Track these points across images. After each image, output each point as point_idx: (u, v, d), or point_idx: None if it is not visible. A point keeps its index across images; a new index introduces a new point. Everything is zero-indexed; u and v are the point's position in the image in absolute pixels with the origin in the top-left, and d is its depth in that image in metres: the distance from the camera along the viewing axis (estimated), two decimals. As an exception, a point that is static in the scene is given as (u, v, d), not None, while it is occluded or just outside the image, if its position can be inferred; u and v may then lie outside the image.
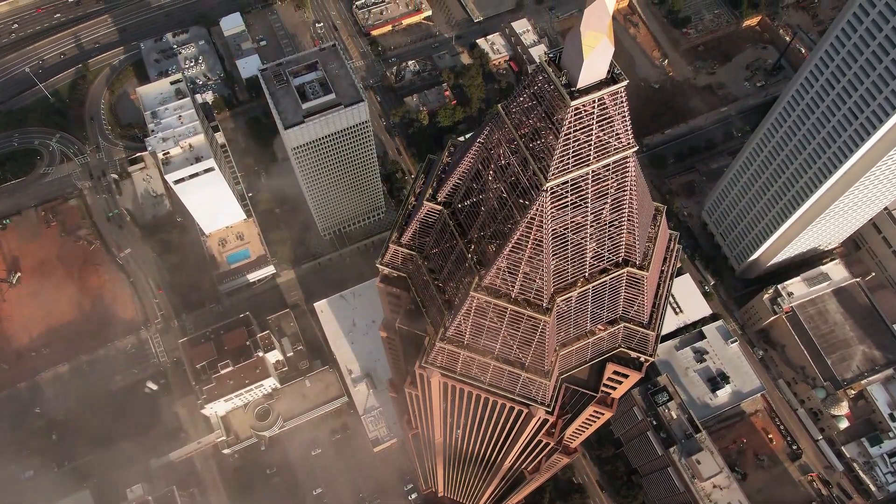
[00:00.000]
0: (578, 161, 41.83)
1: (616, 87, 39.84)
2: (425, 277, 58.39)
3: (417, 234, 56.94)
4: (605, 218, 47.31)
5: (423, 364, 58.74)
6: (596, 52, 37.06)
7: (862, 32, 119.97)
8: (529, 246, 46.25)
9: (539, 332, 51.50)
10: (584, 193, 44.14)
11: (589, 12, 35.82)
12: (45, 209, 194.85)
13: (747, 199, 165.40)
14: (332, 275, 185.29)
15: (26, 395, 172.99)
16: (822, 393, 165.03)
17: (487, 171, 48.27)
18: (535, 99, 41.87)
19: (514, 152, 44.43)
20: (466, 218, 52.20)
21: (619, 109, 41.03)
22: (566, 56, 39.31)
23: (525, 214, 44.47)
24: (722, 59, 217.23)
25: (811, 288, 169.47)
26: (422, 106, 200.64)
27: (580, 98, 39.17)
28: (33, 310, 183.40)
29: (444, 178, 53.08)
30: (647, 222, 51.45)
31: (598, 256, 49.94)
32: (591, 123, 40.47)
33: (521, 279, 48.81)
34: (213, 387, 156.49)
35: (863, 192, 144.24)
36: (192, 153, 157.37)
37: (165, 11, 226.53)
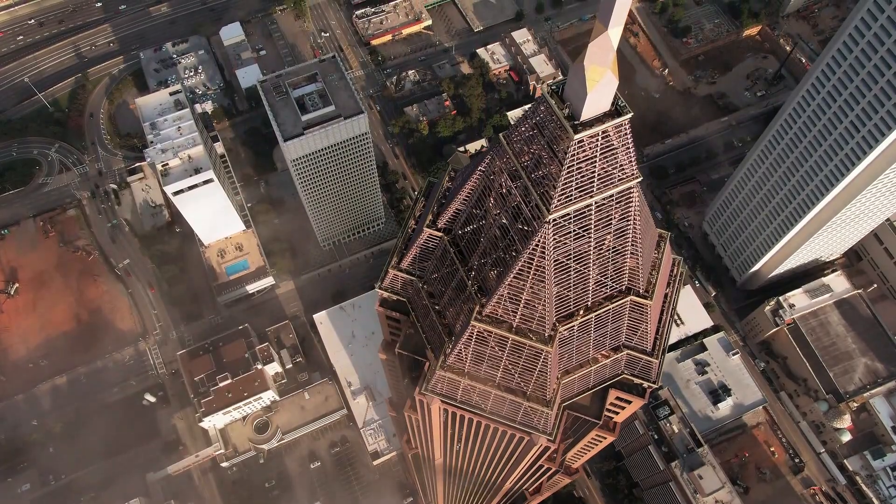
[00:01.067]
0: (581, 193, 41.11)
1: (620, 119, 39.09)
2: (425, 302, 57.58)
3: (417, 259, 56.18)
4: (609, 247, 46.58)
5: (423, 391, 57.86)
6: (600, 85, 36.34)
7: (864, 46, 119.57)
8: (531, 276, 45.48)
9: (541, 362, 50.67)
10: (588, 224, 43.40)
11: (593, 46, 35.08)
12: (44, 219, 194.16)
13: (749, 211, 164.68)
14: (331, 286, 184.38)
15: (24, 406, 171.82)
16: (825, 406, 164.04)
17: (488, 199, 47.53)
18: (538, 129, 41.16)
19: (515, 182, 43.70)
20: (467, 245, 51.43)
21: (623, 141, 40.32)
22: (569, 88, 38.57)
23: (527, 245, 43.71)
24: (722, 68, 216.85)
25: (813, 300, 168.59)
26: (422, 116, 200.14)
27: (584, 131, 38.43)
28: (31, 321, 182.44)
29: (445, 204, 52.32)
30: (650, 250, 50.67)
31: (601, 285, 49.15)
32: (594, 155, 39.76)
33: (522, 308, 48.01)
34: (212, 400, 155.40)
35: (865, 205, 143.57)
36: (192, 164, 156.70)
37: (165, 20, 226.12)
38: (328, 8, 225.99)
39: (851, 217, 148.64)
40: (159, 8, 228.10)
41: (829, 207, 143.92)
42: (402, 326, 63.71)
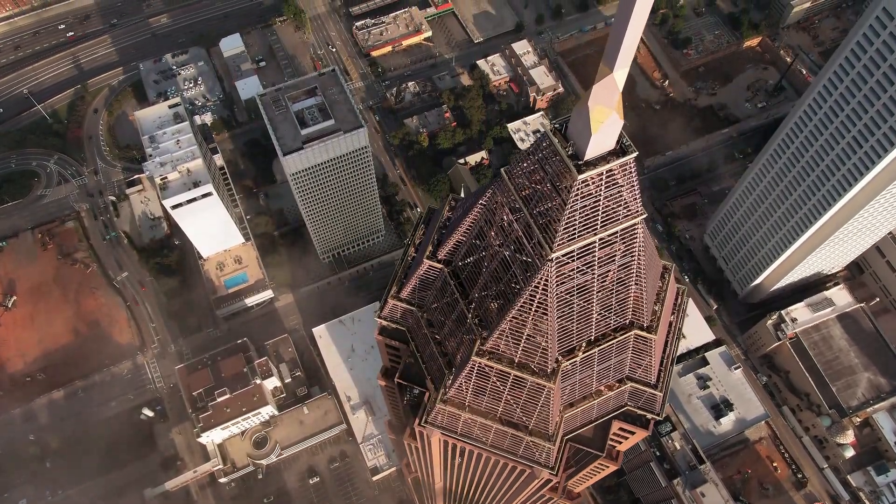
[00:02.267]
0: (585, 230, 40.28)
1: (625, 158, 38.27)
2: (425, 332, 56.68)
3: (417, 289, 55.26)
4: (613, 281, 45.71)
5: (423, 424, 56.84)
6: (605, 126, 35.53)
7: (866, 62, 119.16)
8: (533, 312, 44.61)
9: (543, 397, 49.71)
10: (591, 260, 42.55)
11: (598, 88, 34.29)
12: (42, 231, 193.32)
13: (750, 224, 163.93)
14: (330, 299, 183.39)
15: (20, 421, 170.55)
16: (828, 421, 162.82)
17: (490, 232, 46.69)
18: (540, 166, 40.37)
19: (517, 218, 42.90)
20: (468, 277, 50.56)
21: (628, 179, 39.52)
22: (573, 127, 37.78)
23: (529, 281, 42.86)
24: (723, 79, 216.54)
25: (815, 314, 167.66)
26: (422, 128, 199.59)
27: (588, 171, 37.63)
28: (29, 334, 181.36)
29: (445, 235, 51.48)
30: (654, 282, 49.82)
31: (604, 319, 48.26)
32: (598, 194, 38.94)
33: (524, 344, 47.11)
34: (210, 415, 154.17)
35: (868, 219, 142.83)
36: (190, 178, 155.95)
37: (165, 31, 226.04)
38: (328, 19, 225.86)
39: (854, 231, 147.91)
40: (159, 19, 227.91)
41: (832, 222, 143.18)
42: (401, 355, 62.74)
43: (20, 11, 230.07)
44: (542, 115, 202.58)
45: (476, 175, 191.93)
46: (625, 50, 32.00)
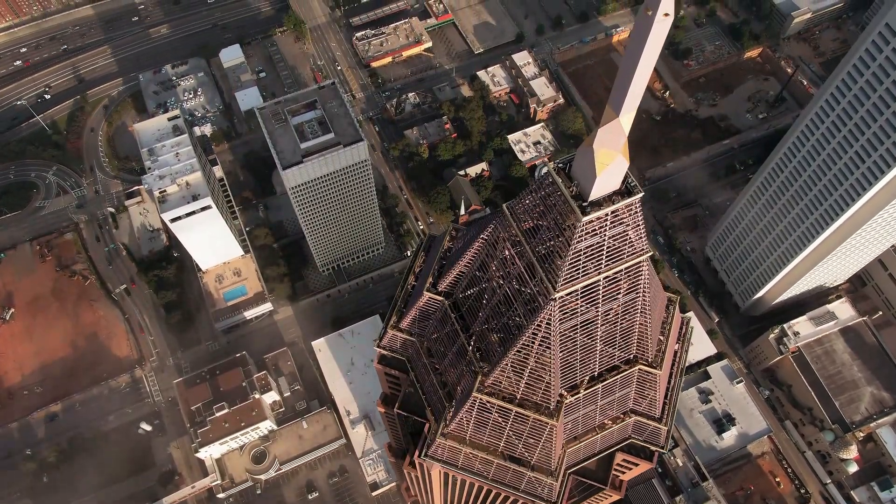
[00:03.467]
0: (589, 270, 39.42)
1: (631, 199, 37.42)
2: (425, 362, 55.75)
3: (417, 320, 54.33)
4: (617, 317, 44.80)
5: (423, 457, 55.82)
6: (610, 168, 34.70)
7: (869, 77, 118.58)
8: (536, 349, 43.71)
9: (546, 434, 48.73)
10: (595, 298, 41.67)
11: (604, 131, 33.48)
12: (41, 243, 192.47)
13: (752, 237, 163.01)
14: (330, 311, 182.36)
15: (18, 435, 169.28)
16: (831, 436, 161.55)
17: (491, 267, 45.80)
18: (543, 204, 39.51)
19: (520, 254, 42.03)
20: (469, 310, 49.65)
21: (634, 218, 38.66)
22: (577, 168, 36.96)
23: (532, 320, 41.97)
24: (723, 90, 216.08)
25: (818, 327, 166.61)
26: (422, 139, 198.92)
27: (593, 213, 36.78)
28: (26, 347, 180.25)
29: (446, 267, 50.60)
30: (659, 317, 48.90)
31: (608, 355, 47.32)
32: (603, 234, 38.09)
33: (526, 380, 46.20)
34: (209, 430, 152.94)
35: (871, 233, 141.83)
36: (189, 191, 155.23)
37: (165, 42, 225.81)
38: (328, 30, 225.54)
39: (857, 245, 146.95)
40: (159, 30, 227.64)
41: (835, 236, 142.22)
42: (401, 383, 61.74)
43: (20, 22, 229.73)
44: (543, 127, 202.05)
45: (476, 187, 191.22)
46: (631, 96, 31.19)
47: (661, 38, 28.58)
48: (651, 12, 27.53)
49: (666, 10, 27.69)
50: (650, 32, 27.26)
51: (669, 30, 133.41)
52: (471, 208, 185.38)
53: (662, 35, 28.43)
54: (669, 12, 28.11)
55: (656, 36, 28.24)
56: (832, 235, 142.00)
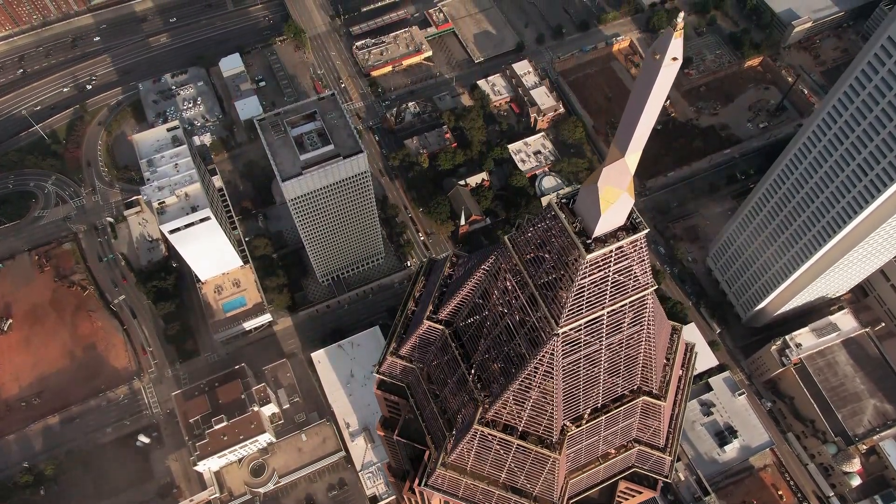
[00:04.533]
0: (593, 305, 38.62)
1: (637, 236, 36.62)
2: (425, 390, 54.87)
3: (417, 347, 53.47)
4: (621, 349, 43.97)
5: (423, 486, 54.87)
6: (615, 206, 33.91)
7: (871, 90, 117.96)
8: (538, 382, 42.87)
9: (548, 467, 47.83)
10: (599, 332, 40.86)
11: (609, 170, 32.70)
12: (39, 253, 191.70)
13: (754, 248, 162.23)
14: (330, 322, 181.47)
15: (15, 447, 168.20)
16: (833, 448, 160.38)
17: (492, 299, 45.00)
18: (546, 238, 38.74)
19: (521, 288, 41.24)
20: (470, 340, 48.81)
21: (639, 254, 37.86)
22: (581, 204, 36.18)
23: (535, 354, 41.15)
24: (724, 99, 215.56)
25: (820, 339, 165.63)
26: (422, 149, 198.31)
27: (597, 250, 36.00)
28: (24, 358, 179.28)
29: (446, 295, 49.77)
30: (663, 347, 48.07)
31: (612, 386, 46.48)
32: (607, 270, 37.29)
33: (528, 413, 45.35)
34: (207, 443, 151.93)
35: (875, 244, 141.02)
36: (188, 202, 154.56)
37: (164, 51, 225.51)
38: (328, 39, 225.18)
39: (860, 257, 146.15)
40: (159, 38, 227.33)
41: (838, 248, 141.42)
42: (401, 408, 60.83)
43: (20, 31, 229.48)
44: (543, 136, 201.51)
45: (476, 196, 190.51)
46: (638, 137, 30.44)
47: (668, 82, 27.89)
48: (659, 56, 26.83)
49: (674, 54, 26.98)
50: (658, 76, 26.60)
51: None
52: (471, 218, 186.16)
53: (670, 79, 27.74)
54: (678, 57, 27.40)
55: (664, 80, 27.55)
56: (835, 247, 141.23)
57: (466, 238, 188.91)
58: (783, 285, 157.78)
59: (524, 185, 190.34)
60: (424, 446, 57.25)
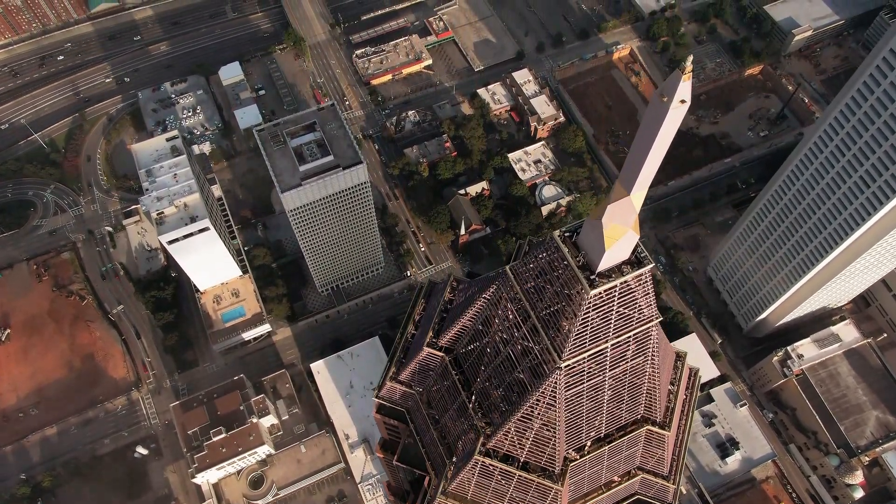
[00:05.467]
0: (597, 339, 37.90)
1: (642, 270, 35.92)
2: (425, 415, 54.06)
3: (417, 374, 52.70)
4: (625, 379, 43.22)
5: (424, 514, 54.12)
6: (619, 242, 33.21)
7: (873, 102, 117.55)
8: (541, 414, 42.10)
9: (550, 498, 47.01)
10: (602, 364, 40.12)
11: (614, 207, 32.05)
12: (37, 263, 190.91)
13: (755, 259, 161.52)
14: (329, 332, 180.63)
15: (12, 459, 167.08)
16: (836, 460, 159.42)
17: (493, 328, 44.26)
18: (548, 271, 38.03)
19: (523, 318, 40.53)
20: (471, 367, 48.05)
21: (644, 288, 37.16)
22: (585, 239, 35.48)
23: (537, 386, 40.38)
24: (724, 108, 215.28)
25: (822, 350, 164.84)
26: (422, 157, 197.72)
27: (601, 286, 35.30)
28: (22, 368, 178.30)
29: (447, 322, 49.03)
30: (667, 376, 47.32)
31: (615, 416, 45.70)
32: (611, 305, 36.58)
33: (530, 444, 44.55)
34: (205, 455, 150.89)
35: (878, 256, 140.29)
36: (187, 212, 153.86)
37: (164, 59, 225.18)
38: (328, 47, 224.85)
39: (862, 268, 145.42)
40: (158, 47, 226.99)
41: (840, 259, 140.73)
42: (401, 432, 60.01)
43: (19, 39, 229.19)
44: (544, 145, 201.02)
45: (476, 206, 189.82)
46: (644, 175, 29.79)
47: (676, 124, 27.23)
48: (667, 99, 26.19)
49: (682, 97, 26.32)
50: (665, 119, 25.94)
51: (670, 47, 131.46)
52: (471, 228, 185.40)
53: (678, 121, 27.09)
54: (686, 99, 26.73)
55: (671, 122, 26.92)
56: (836, 259, 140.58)
57: (466, 247, 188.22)
58: (784, 296, 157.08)
59: (524, 195, 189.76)
60: (424, 472, 56.41)
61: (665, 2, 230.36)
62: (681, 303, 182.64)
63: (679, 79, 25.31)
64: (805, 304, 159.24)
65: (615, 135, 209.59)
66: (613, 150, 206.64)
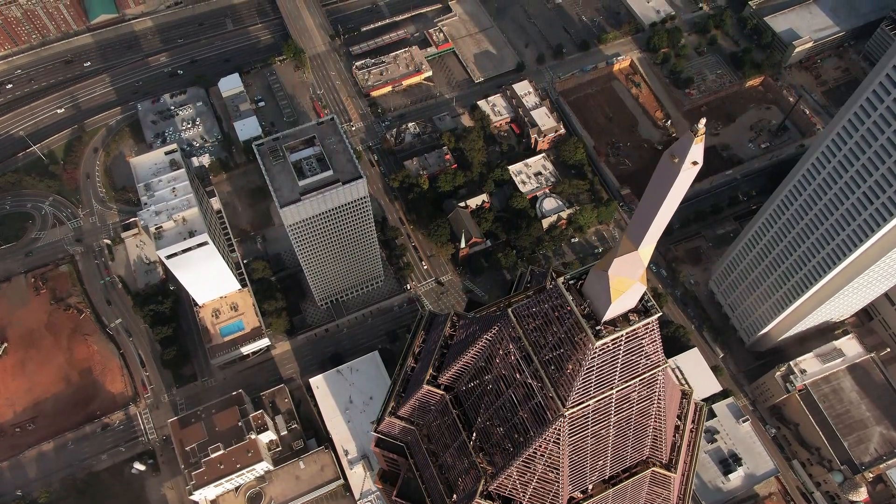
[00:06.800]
0: (602, 387, 36.88)
1: (648, 319, 34.92)
2: (424, 451, 52.94)
3: (416, 410, 51.61)
4: (630, 424, 42.20)
5: (424, 553, 52.92)
6: (626, 295, 32.24)
7: (876, 119, 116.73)
8: (543, 460, 41.04)
9: (554, 542, 45.95)
10: (608, 410, 39.10)
11: (621, 261, 31.11)
12: (35, 275, 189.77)
13: (757, 274, 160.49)
14: (328, 346, 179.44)
15: (8, 475, 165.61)
16: (839, 477, 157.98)
17: (494, 369, 43.24)
18: (552, 317, 37.04)
19: (527, 363, 39.51)
20: (471, 407, 46.98)
21: (651, 336, 36.16)
22: (590, 289, 34.52)
23: (540, 433, 39.33)
24: (725, 119, 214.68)
25: (825, 364, 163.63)
26: (422, 170, 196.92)
27: (607, 336, 34.29)
28: (19, 382, 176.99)
29: (447, 360, 47.98)
30: (673, 416, 46.25)
31: (620, 459, 44.64)
32: (617, 353, 35.58)
33: (533, 488, 43.45)
34: (203, 471, 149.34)
35: (879, 273, 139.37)
36: (186, 227, 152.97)
37: (163, 71, 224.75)
38: (328, 59, 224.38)
39: (867, 283, 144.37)
40: (158, 58, 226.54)
41: (844, 274, 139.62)
42: (400, 465, 58.84)
43: (19, 50, 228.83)
44: (544, 157, 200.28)
45: (477, 218, 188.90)
46: (652, 232, 28.85)
47: (686, 185, 26.32)
48: (678, 160, 25.25)
49: (694, 159, 25.36)
50: (676, 180, 25.00)
51: (670, 59, 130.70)
52: (471, 241, 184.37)
53: (688, 182, 26.16)
54: (698, 161, 25.75)
55: (682, 183, 26.00)
56: (839, 275, 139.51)
57: (467, 261, 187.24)
58: (787, 311, 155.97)
59: (525, 207, 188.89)
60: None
61: (665, 13, 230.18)
62: (682, 316, 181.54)
63: (691, 141, 24.42)
64: (808, 318, 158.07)
65: (615, 146, 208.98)
66: (614, 162, 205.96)
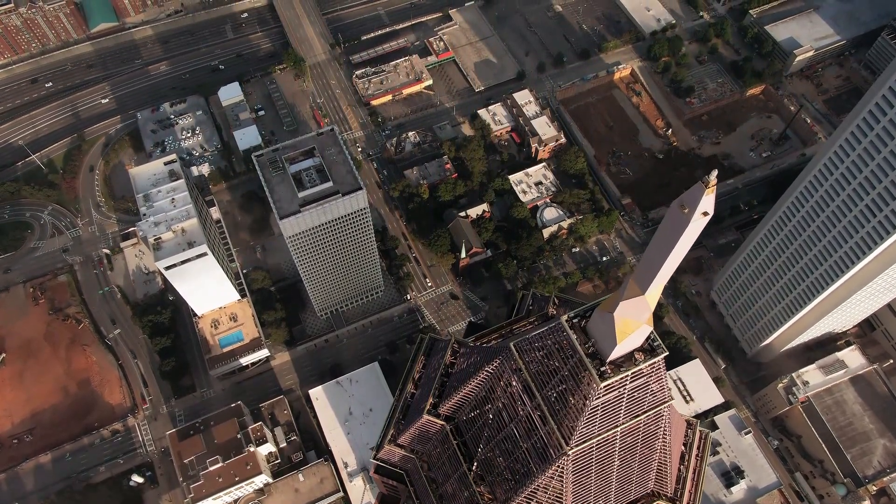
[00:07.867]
0: (606, 425, 36.06)
1: (654, 360, 34.12)
2: (424, 480, 52.05)
3: (416, 439, 50.73)
4: (634, 458, 41.34)
5: (424, 585, 51.97)
6: (632, 336, 31.44)
7: (879, 131, 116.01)
8: (546, 496, 40.15)
9: (557, 577, 45.04)
10: (612, 447, 38.26)
11: (627, 304, 30.32)
12: (34, 285, 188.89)
13: (759, 284, 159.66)
14: (328, 357, 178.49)
15: (5, 486, 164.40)
16: (843, 490, 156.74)
17: (496, 401, 42.39)
18: (555, 354, 36.23)
19: (529, 398, 38.68)
20: (472, 438, 46.12)
21: (657, 375, 35.34)
22: (595, 329, 33.75)
23: (543, 470, 38.47)
24: (726, 128, 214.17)
25: (827, 376, 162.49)
26: (422, 179, 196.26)
27: (612, 377, 33.50)
28: (17, 393, 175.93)
29: (448, 389, 47.15)
30: (678, 448, 45.39)
31: (625, 493, 43.76)
32: (622, 390, 34.76)
33: (536, 523, 42.62)
34: (202, 485, 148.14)
35: (885, 284, 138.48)
36: (185, 238, 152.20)
37: (163, 80, 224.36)
38: (328, 67, 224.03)
39: (871, 294, 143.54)
40: (158, 67, 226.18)
41: (848, 285, 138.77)
42: (400, 491, 57.92)
43: (19, 59, 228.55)
44: (545, 167, 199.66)
45: (477, 228, 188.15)
46: (659, 279, 28.09)
47: (695, 234, 25.63)
48: (688, 210, 24.59)
49: (705, 209, 24.72)
50: (685, 230, 24.33)
51: (671, 67, 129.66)
52: (472, 251, 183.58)
53: (697, 231, 25.47)
54: (709, 212, 25.09)
55: (691, 233, 25.30)
56: (842, 287, 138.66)
57: (467, 271, 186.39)
58: (789, 323, 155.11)
59: (525, 217, 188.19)
60: (425, 537, 54.32)
61: (666, 22, 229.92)
62: (683, 327, 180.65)
63: (702, 192, 23.93)
64: (810, 329, 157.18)
65: (616, 155, 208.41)
66: (615, 171, 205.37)
